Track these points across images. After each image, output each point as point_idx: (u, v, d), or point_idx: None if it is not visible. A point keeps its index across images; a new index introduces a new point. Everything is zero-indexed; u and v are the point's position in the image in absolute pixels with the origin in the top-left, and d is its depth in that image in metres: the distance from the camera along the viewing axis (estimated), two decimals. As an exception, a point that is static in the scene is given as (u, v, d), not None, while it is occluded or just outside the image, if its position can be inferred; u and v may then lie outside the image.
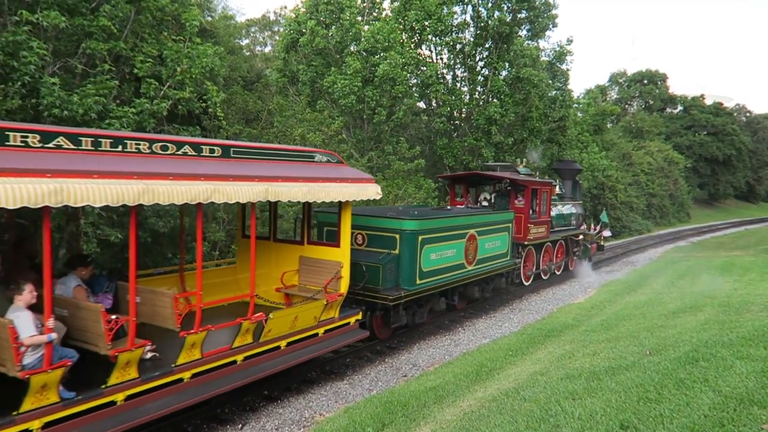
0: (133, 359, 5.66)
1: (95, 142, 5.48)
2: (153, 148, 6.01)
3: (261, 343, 7.10)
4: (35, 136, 5.03)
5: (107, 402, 5.44)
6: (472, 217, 12.26)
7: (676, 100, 67.59)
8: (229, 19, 28.76)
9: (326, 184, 7.63)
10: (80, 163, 5.12)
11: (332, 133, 18.81)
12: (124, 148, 5.71)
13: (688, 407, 4.86)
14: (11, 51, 9.23)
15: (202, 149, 6.54)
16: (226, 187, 6.16)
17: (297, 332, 7.66)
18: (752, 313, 8.89)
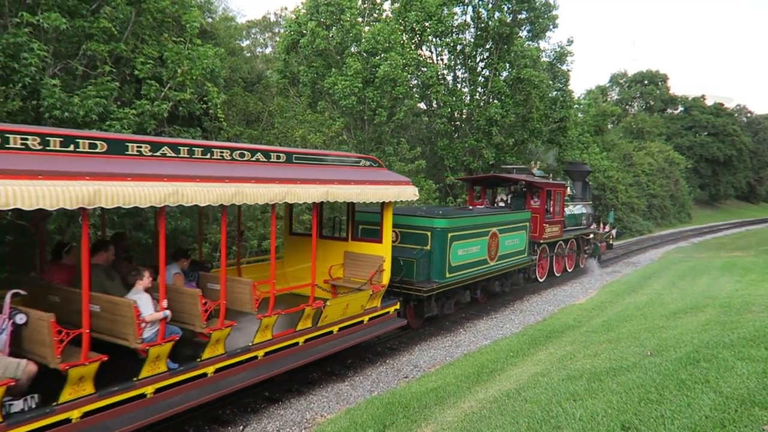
0: (222, 337, 6.56)
1: (190, 150, 6.38)
2: (233, 156, 6.94)
3: (318, 327, 7.97)
4: (147, 146, 5.88)
5: (201, 374, 6.37)
6: (494, 216, 13.19)
7: (677, 100, 67.58)
8: (229, 21, 28.80)
9: (372, 186, 8.51)
10: (187, 169, 6.03)
11: (333, 134, 18.81)
12: (211, 156, 6.62)
13: (689, 408, 4.85)
14: (12, 53, 9.25)
15: (270, 156, 7.45)
16: (296, 190, 7.12)
17: (347, 319, 8.54)
18: (753, 314, 8.88)
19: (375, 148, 20.68)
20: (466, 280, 11.89)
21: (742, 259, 20.71)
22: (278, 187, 6.87)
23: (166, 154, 6.05)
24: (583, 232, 19.29)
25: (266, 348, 7.15)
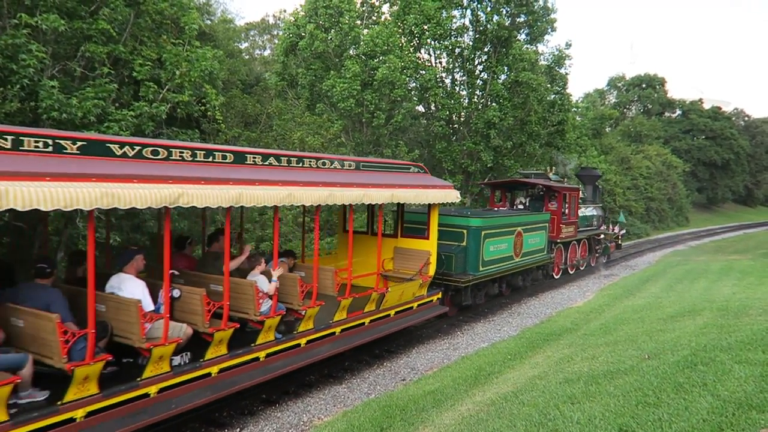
0: (313, 314, 7.86)
1: (298, 160, 7.72)
2: (319, 164, 8.13)
3: (380, 310, 9.29)
4: (230, 155, 6.76)
5: (296, 344, 7.64)
6: (520, 217, 14.68)
7: (675, 104, 67.74)
8: (228, 23, 28.81)
9: (424, 189, 9.74)
10: (296, 176, 7.32)
11: (331, 136, 18.83)
12: (277, 161, 7.48)
13: (686, 411, 4.86)
14: (10, 54, 9.24)
15: (344, 164, 8.67)
16: (370, 193, 8.36)
17: (401, 304, 9.84)
18: (751, 317, 8.89)
19: (373, 151, 20.70)
20: (496, 273, 13.30)
21: (740, 263, 20.75)
22: (357, 190, 8.10)
23: (272, 163, 7.40)
24: (595, 232, 20.61)
25: (342, 326, 8.45)
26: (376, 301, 9.11)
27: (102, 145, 5.48)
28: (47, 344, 5.20)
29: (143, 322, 5.72)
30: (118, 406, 5.49)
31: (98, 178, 5.02)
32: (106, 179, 5.07)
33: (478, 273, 12.35)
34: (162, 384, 5.91)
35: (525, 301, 14.92)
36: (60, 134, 5.26)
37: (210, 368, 6.46)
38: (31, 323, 5.31)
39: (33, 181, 4.54)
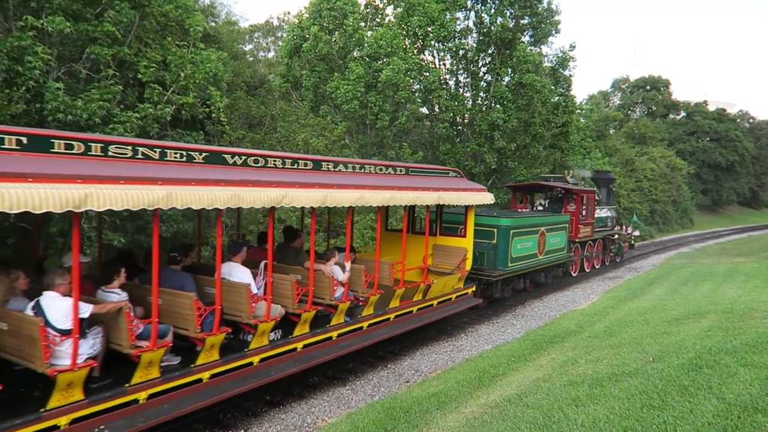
0: (374, 301, 8.96)
1: (336, 165, 8.35)
2: (380, 169, 9.27)
3: (426, 300, 10.36)
4: (308, 163, 7.82)
5: (359, 327, 8.72)
6: (543, 217, 15.84)
7: (679, 106, 67.53)
8: (232, 25, 28.88)
9: (463, 192, 10.76)
10: (330, 179, 7.89)
11: (335, 138, 18.85)
12: (345, 168, 8.49)
13: (691, 414, 4.84)
14: (16, 56, 9.29)
15: (397, 169, 9.69)
16: (423, 195, 9.47)
17: (442, 295, 10.90)
18: (756, 320, 8.86)
19: (377, 153, 20.72)
20: (522, 269, 14.42)
21: (745, 265, 20.65)
22: (412, 193, 9.19)
23: (341, 169, 8.35)
24: (609, 233, 21.86)
25: (396, 312, 9.52)
26: (423, 292, 10.24)
27: (219, 155, 6.55)
28: (184, 318, 6.31)
29: (251, 302, 6.83)
30: (233, 371, 6.65)
31: (225, 183, 6.15)
32: (230, 184, 6.20)
33: (507, 269, 13.50)
34: (263, 354, 7.05)
35: (529, 303, 14.90)
36: (188, 147, 6.31)
37: (296, 344, 7.58)
38: (168, 301, 6.33)
39: (185, 186, 5.65)
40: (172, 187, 5.48)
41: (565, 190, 18.47)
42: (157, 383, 5.80)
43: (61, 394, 5.06)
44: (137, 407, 5.62)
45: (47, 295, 5.36)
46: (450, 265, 11.30)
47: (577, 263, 18.93)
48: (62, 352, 5.15)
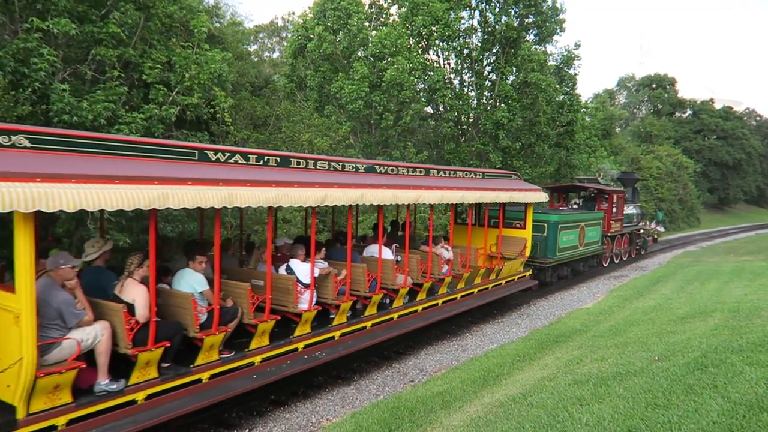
0: (447, 281, 10.91)
1: (427, 171, 10.43)
2: (455, 174, 11.32)
3: (497, 279, 12.76)
4: (415, 170, 10.12)
5: (434, 303, 10.56)
6: (583, 214, 18.32)
7: (686, 104, 67.26)
8: (237, 26, 28.95)
9: (525, 192, 13.12)
10: (429, 182, 9.90)
11: (340, 138, 18.87)
12: (442, 174, 10.71)
13: (696, 413, 4.82)
14: (22, 58, 9.35)
15: (476, 174, 12.18)
16: (501, 195, 11.81)
17: (508, 276, 13.28)
18: (763, 319, 8.81)
19: (381, 152, 20.73)
20: (567, 258, 16.93)
21: (752, 264, 20.54)
22: (492, 193, 11.50)
23: (418, 173, 10.12)
24: (635, 228, 24.08)
25: (479, 287, 12.01)
26: (496, 273, 12.66)
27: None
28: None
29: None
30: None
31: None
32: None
33: (555, 257, 16.04)
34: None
35: (534, 302, 14.87)
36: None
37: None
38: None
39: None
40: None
41: (597, 190, 20.68)
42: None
43: (302, 327, 7.71)
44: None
45: (294, 261, 8.05)
46: (513, 252, 13.54)
47: (607, 255, 21.14)
48: (303, 299, 7.78)
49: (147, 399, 5.70)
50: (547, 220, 15.97)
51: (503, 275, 12.97)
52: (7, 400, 4.83)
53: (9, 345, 4.75)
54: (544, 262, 15.79)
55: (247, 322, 7.05)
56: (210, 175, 5.98)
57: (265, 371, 7.02)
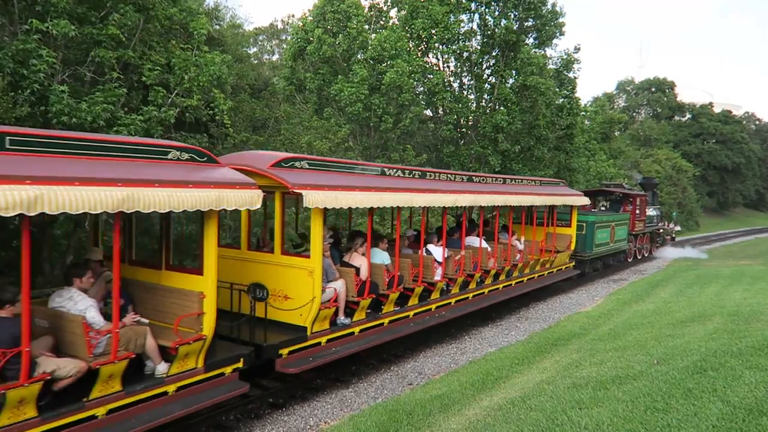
0: (506, 271, 13.33)
1: (504, 180, 13.81)
2: (525, 182, 14.75)
3: (552, 267, 15.94)
4: (492, 179, 13.20)
5: (521, 280, 14.04)
6: (613, 215, 21.25)
7: (685, 108, 67.35)
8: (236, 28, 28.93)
9: (572, 197, 16.43)
10: (491, 188, 12.53)
11: (339, 140, 18.85)
12: (504, 182, 13.68)
13: (696, 417, 4.81)
14: (21, 59, 9.34)
15: (535, 182, 15.49)
16: (556, 200, 15.21)
17: (559, 265, 16.46)
18: (762, 323, 8.80)
19: (381, 155, 20.71)
20: (601, 253, 19.81)
21: (751, 268, 20.54)
22: (551, 198, 14.91)
23: (491, 181, 13.06)
24: (655, 227, 27.04)
25: (539, 273, 15.08)
26: (551, 262, 15.65)
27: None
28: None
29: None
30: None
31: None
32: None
33: (592, 252, 18.86)
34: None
35: (533, 305, 14.85)
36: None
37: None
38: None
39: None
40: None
41: (623, 194, 23.47)
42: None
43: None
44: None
45: (430, 246, 10.92)
46: (562, 247, 16.54)
47: (631, 251, 23.88)
48: (437, 273, 10.69)
49: (360, 332, 8.77)
50: (586, 220, 18.65)
51: (556, 264, 16.07)
52: (300, 324, 7.79)
53: (303, 290, 7.74)
54: (583, 255, 18.57)
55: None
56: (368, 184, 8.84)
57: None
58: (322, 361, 7.81)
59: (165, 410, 5.81)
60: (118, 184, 5.12)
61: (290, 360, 7.44)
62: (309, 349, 7.81)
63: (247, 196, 6.37)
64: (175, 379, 6.01)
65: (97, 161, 5.36)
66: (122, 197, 5.00)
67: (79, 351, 5.35)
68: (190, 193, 5.68)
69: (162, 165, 5.93)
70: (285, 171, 7.71)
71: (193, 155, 6.39)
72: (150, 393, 5.77)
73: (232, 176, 6.50)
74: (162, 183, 5.54)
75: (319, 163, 8.43)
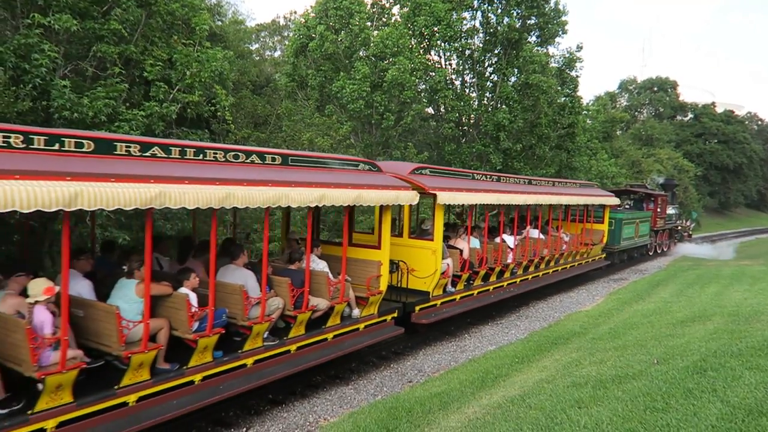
0: (534, 263, 14.83)
1: (553, 183, 16.84)
2: (558, 184, 17.05)
3: (588, 257, 18.40)
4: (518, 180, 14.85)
5: (562, 268, 16.56)
6: (637, 212, 24.09)
7: (687, 107, 67.21)
8: (239, 24, 28.94)
9: (605, 197, 18.95)
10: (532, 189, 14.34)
11: (340, 137, 18.84)
12: (553, 185, 16.21)
13: (695, 417, 4.81)
14: (23, 53, 9.33)
15: (567, 183, 17.88)
16: (591, 200, 17.60)
17: (593, 256, 18.96)
18: (762, 323, 8.79)
19: (382, 152, 20.70)
20: (627, 247, 22.45)
21: (752, 268, 20.52)
22: (588, 198, 17.35)
23: (526, 182, 14.82)
24: (674, 225, 29.70)
25: (577, 262, 17.47)
26: (588, 253, 18.14)
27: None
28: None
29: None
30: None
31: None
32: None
33: (620, 245, 21.33)
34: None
35: (533, 304, 14.85)
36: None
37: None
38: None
39: None
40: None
41: (646, 194, 26.17)
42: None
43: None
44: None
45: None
46: (596, 240, 18.82)
47: (652, 245, 26.31)
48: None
49: (460, 299, 11.38)
50: (615, 217, 20.97)
51: (591, 255, 18.60)
52: (425, 289, 10.32)
53: (428, 264, 10.30)
54: (612, 248, 20.86)
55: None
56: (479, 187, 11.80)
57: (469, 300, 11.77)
58: (438, 318, 10.40)
59: (359, 340, 8.66)
60: (350, 186, 7.82)
61: (420, 314, 10.13)
62: (430, 308, 10.36)
63: (412, 195, 9.08)
64: (364, 320, 8.81)
65: (329, 172, 7.97)
66: (355, 196, 7.75)
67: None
68: (381, 193, 8.38)
69: (359, 174, 8.54)
70: (418, 177, 10.18)
71: (371, 167, 9.00)
72: (351, 327, 8.58)
73: (397, 181, 9.20)
74: (373, 186, 8.31)
75: (436, 171, 11.12)
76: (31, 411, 4.94)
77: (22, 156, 4.81)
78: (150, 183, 5.28)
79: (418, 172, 10.38)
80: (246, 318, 6.83)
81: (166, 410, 5.85)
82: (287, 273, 7.82)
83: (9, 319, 5.17)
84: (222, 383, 6.52)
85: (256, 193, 6.22)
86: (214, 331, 6.30)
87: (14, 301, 5.42)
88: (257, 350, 7.01)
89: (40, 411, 4.97)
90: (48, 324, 5.15)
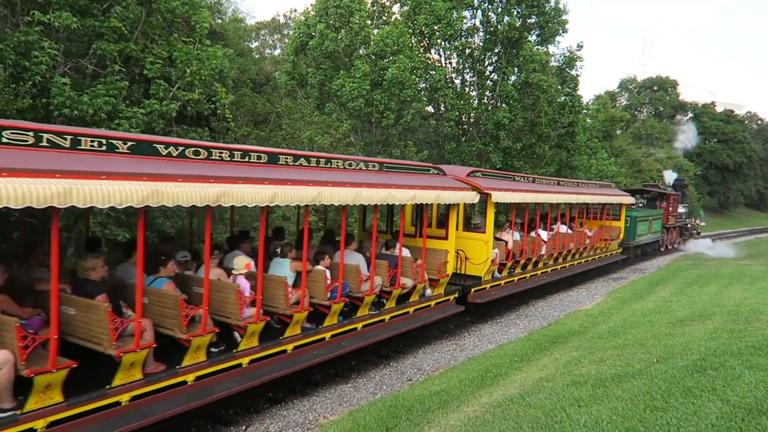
0: (580, 251, 17.57)
1: (577, 184, 18.69)
2: (580, 185, 18.51)
3: (607, 252, 19.81)
4: (550, 181, 16.94)
5: (585, 260, 18.18)
6: (651, 210, 25.85)
7: (687, 107, 67.19)
8: (239, 22, 28.91)
9: (623, 197, 20.80)
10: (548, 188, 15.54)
11: (340, 136, 18.83)
12: (577, 186, 18.16)
13: (695, 416, 4.81)
14: (23, 51, 9.32)
15: (597, 185, 20.36)
16: (611, 200, 19.77)
17: (611, 251, 20.29)
18: (762, 323, 8.79)
19: (382, 151, 20.69)
20: (641, 242, 24.17)
21: (751, 268, 20.52)
22: (608, 197, 19.29)
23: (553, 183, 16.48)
24: (683, 223, 31.59)
25: (596, 256, 18.83)
26: (607, 247, 19.49)
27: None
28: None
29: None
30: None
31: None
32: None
33: (635, 240, 23.03)
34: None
35: (533, 303, 14.85)
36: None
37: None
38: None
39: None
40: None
41: (659, 193, 28.08)
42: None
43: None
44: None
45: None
46: (613, 236, 20.20)
47: (663, 242, 27.98)
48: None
49: (504, 284, 13.08)
50: (630, 215, 22.57)
51: (609, 249, 19.95)
52: (477, 274, 12.00)
53: (481, 253, 11.95)
54: (628, 243, 22.31)
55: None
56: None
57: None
58: (488, 299, 12.10)
59: (431, 315, 10.35)
60: (433, 188, 9.66)
61: (475, 295, 11.76)
62: (482, 291, 12.02)
63: (473, 195, 10.83)
64: (434, 298, 10.48)
65: (406, 176, 9.54)
66: (435, 196, 9.52)
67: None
68: (452, 194, 10.14)
69: (431, 177, 10.21)
70: (474, 179, 11.72)
71: (438, 171, 10.63)
72: (426, 303, 10.28)
73: (460, 183, 10.96)
74: (447, 188, 10.10)
75: (487, 174, 13.01)
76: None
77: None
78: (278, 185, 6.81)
79: (474, 175, 11.99)
80: (359, 291, 8.68)
81: (314, 356, 7.84)
82: (383, 257, 9.68)
83: (224, 283, 7.03)
84: (344, 341, 8.33)
85: (374, 194, 8.15)
86: (342, 299, 8.24)
87: (217, 271, 7.19)
88: (364, 317, 8.80)
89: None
90: (247, 288, 7.03)
